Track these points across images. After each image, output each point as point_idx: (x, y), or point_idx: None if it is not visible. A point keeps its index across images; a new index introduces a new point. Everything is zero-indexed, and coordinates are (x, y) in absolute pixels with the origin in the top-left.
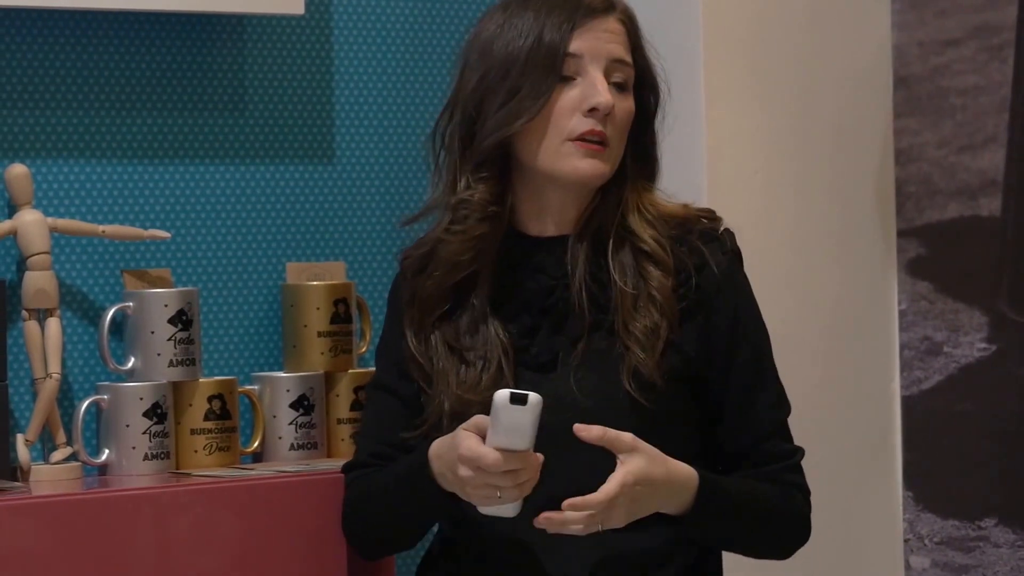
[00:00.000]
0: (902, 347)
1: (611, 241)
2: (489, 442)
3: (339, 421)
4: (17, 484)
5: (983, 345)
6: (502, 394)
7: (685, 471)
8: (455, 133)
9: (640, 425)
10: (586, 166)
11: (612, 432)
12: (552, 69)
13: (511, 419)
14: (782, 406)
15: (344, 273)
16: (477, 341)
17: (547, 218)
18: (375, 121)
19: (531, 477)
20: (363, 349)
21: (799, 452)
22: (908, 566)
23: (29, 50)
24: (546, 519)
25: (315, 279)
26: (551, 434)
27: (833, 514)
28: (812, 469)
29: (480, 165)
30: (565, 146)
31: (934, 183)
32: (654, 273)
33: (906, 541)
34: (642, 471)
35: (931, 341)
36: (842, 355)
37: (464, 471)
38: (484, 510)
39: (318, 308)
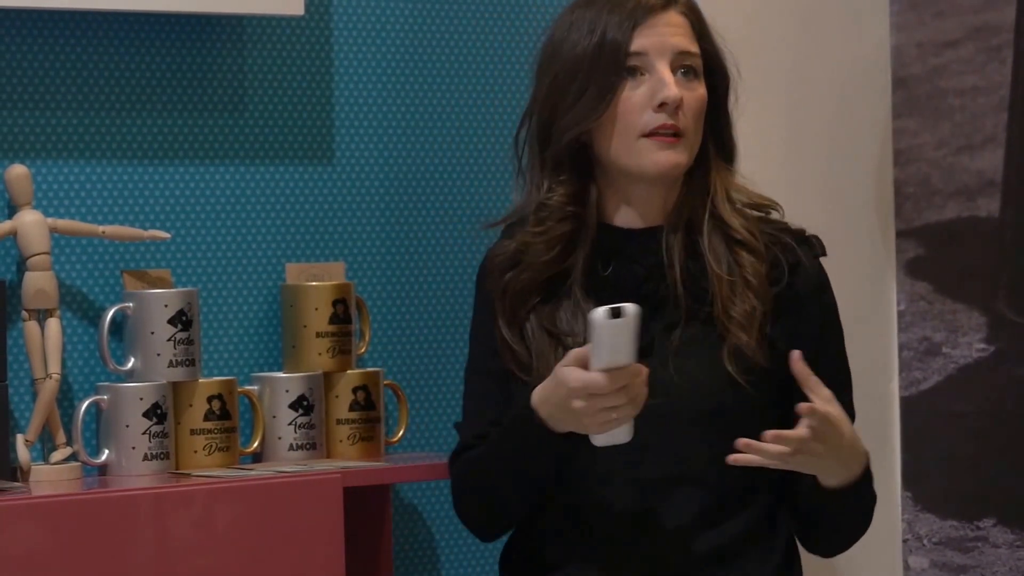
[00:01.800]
0: (901, 347)
1: (704, 230)
2: (593, 366)
3: (338, 421)
4: (17, 484)
5: (982, 346)
6: (599, 312)
7: (862, 444)
8: (533, 138)
9: (737, 407)
10: (663, 158)
11: (816, 379)
12: (616, 67)
13: (612, 335)
14: (852, 412)
15: (343, 274)
16: (576, 327)
17: (633, 211)
18: (375, 122)
19: (640, 390)
20: (362, 349)
21: (868, 456)
22: (907, 566)
23: (29, 50)
24: (745, 444)
25: (314, 279)
26: (650, 415)
27: None
28: None
29: (558, 167)
30: (640, 142)
31: (933, 184)
32: (747, 259)
33: (905, 541)
34: (839, 419)
35: (930, 342)
36: None
37: (577, 403)
38: (598, 441)
39: (317, 308)
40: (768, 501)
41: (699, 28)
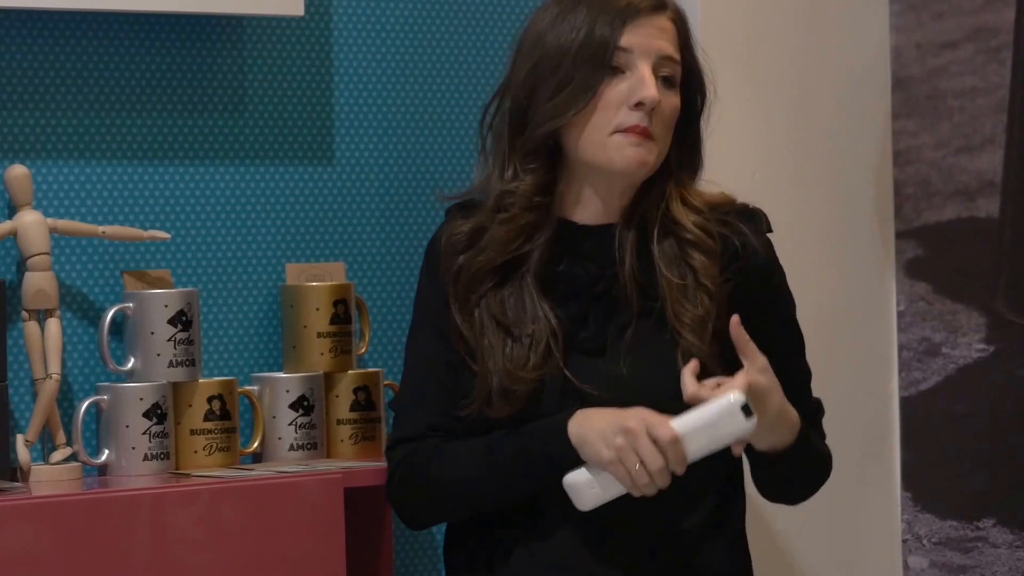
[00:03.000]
0: (900, 348)
1: (655, 231)
2: (675, 422)
3: (339, 422)
4: (17, 484)
5: (981, 346)
6: (738, 397)
7: (794, 412)
8: (505, 120)
9: (687, 406)
10: (632, 154)
11: (753, 346)
12: (602, 62)
13: (723, 422)
14: (808, 369)
15: (343, 274)
16: (525, 318)
17: (592, 207)
18: (375, 122)
19: (663, 481)
20: (362, 350)
21: (821, 408)
22: (906, 566)
23: (29, 50)
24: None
25: (314, 280)
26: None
27: (832, 514)
28: None
29: (529, 155)
30: (612, 138)
31: (932, 184)
32: (700, 260)
33: (904, 541)
34: (767, 389)
35: (929, 342)
36: (841, 356)
37: (633, 422)
38: (567, 481)
39: (318, 309)
40: (719, 496)
41: (684, 39)
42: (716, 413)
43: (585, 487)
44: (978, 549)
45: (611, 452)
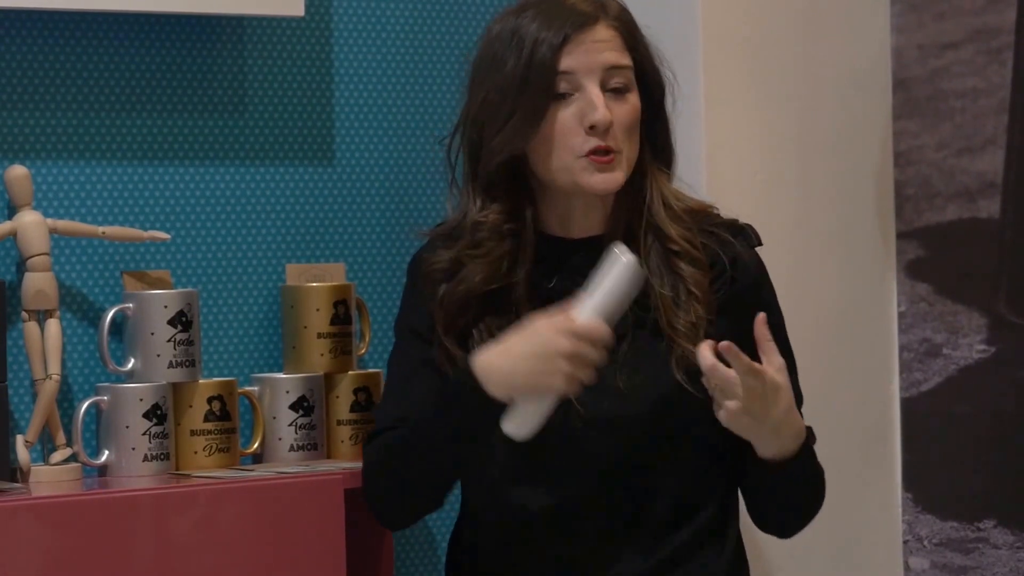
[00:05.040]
0: (901, 349)
1: (641, 243)
2: (583, 315)
3: (339, 422)
4: (17, 485)
5: (982, 347)
6: (628, 256)
7: (801, 421)
8: (465, 153)
9: (688, 414)
10: (599, 180)
11: (773, 345)
12: (544, 90)
13: (626, 282)
14: (799, 393)
15: (344, 274)
16: None
17: (571, 221)
18: (375, 123)
19: (604, 357)
20: (363, 350)
21: (813, 435)
22: (907, 567)
23: (29, 50)
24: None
25: (315, 280)
26: (598, 422)
27: (832, 515)
28: None
29: (491, 186)
30: (576, 163)
31: (933, 185)
32: (688, 270)
33: (905, 542)
34: (782, 388)
35: (930, 343)
36: (841, 357)
37: (567, 342)
38: (507, 427)
39: (318, 309)
40: (718, 504)
41: (630, 39)
42: (616, 278)
43: (521, 418)
44: (979, 550)
45: (569, 375)
